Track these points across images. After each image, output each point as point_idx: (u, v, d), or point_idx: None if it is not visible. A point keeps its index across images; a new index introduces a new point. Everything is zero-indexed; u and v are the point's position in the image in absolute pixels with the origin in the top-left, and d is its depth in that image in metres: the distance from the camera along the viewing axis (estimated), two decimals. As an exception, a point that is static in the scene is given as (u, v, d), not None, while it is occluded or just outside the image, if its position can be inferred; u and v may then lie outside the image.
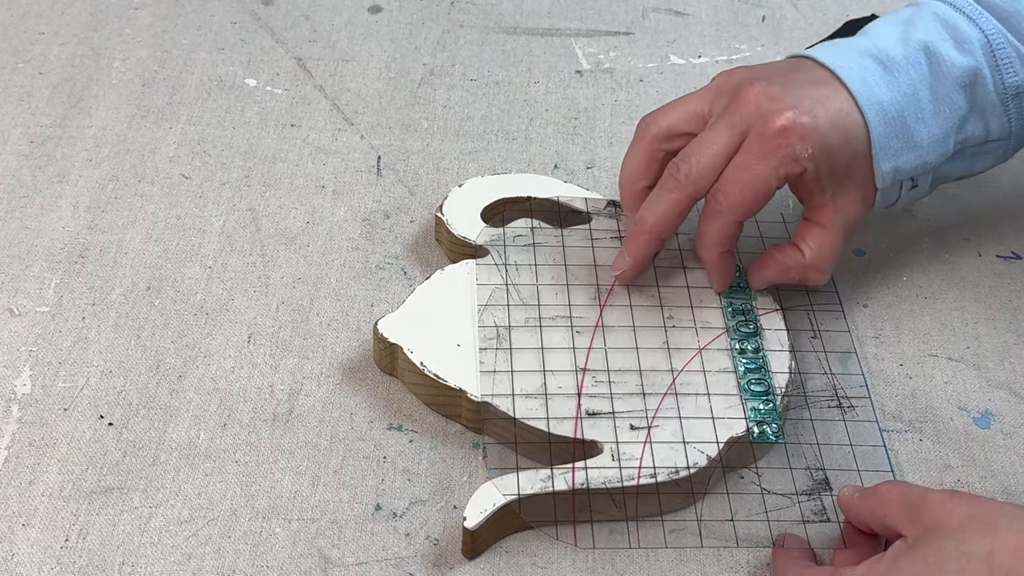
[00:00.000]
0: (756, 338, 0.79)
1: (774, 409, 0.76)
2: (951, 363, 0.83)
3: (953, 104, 0.80)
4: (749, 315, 0.81)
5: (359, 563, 0.72)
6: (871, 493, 0.69)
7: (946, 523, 0.64)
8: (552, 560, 0.73)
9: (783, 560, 0.70)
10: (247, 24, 1.05)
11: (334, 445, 0.77)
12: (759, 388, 0.77)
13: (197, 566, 0.71)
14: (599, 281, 0.83)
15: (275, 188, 0.92)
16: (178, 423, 0.78)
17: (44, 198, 0.91)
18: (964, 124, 0.81)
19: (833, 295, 0.84)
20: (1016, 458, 0.78)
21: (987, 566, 0.61)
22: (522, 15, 1.08)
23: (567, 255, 0.84)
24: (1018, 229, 0.91)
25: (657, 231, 0.78)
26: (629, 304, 0.81)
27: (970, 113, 0.81)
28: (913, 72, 0.79)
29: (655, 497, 0.73)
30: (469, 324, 0.80)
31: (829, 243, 0.80)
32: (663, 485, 0.72)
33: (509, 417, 0.75)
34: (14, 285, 0.85)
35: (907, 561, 0.64)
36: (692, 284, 0.83)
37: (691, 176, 0.76)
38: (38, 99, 0.98)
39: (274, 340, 0.83)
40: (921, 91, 0.79)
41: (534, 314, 0.80)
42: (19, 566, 0.71)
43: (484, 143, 0.96)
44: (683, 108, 0.80)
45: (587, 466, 0.73)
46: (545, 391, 0.76)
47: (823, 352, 0.81)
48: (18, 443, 0.77)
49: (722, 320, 0.80)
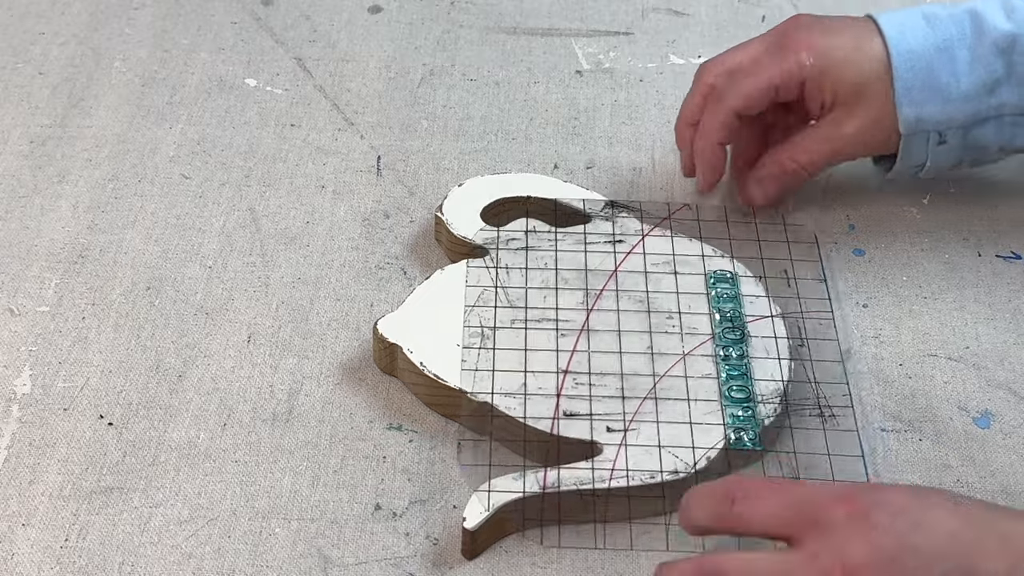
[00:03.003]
0: (741, 344, 0.79)
1: (753, 416, 0.76)
2: (951, 363, 0.83)
3: (988, 66, 0.83)
4: (736, 321, 0.81)
5: (359, 563, 0.72)
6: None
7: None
8: (552, 560, 0.73)
9: None
10: (247, 24, 1.05)
11: (334, 445, 0.77)
12: (740, 395, 0.77)
13: (197, 566, 0.71)
14: (588, 285, 0.83)
15: (275, 188, 0.92)
16: (178, 423, 0.78)
17: (44, 198, 0.91)
18: (998, 88, 0.83)
19: (825, 302, 0.84)
20: (1016, 458, 0.78)
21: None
22: (522, 15, 1.08)
23: (559, 258, 0.84)
24: (1018, 229, 0.91)
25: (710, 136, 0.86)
26: (617, 309, 0.81)
27: (1007, 78, 0.83)
28: (953, 29, 0.83)
29: (625, 500, 0.73)
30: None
31: (817, 138, 0.85)
32: (635, 489, 0.72)
33: (509, 416, 0.75)
34: (14, 285, 0.85)
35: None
36: (682, 290, 0.82)
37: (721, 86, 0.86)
38: (38, 99, 0.98)
39: (274, 340, 0.83)
40: (958, 48, 0.83)
41: (520, 315, 0.80)
42: (19, 566, 0.71)
43: (484, 143, 0.96)
44: (741, 51, 0.87)
45: (560, 467, 0.73)
46: (525, 391, 0.76)
47: (809, 360, 0.81)
48: (18, 443, 0.77)
49: (709, 326, 0.80)
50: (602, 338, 0.80)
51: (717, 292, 0.82)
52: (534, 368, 0.78)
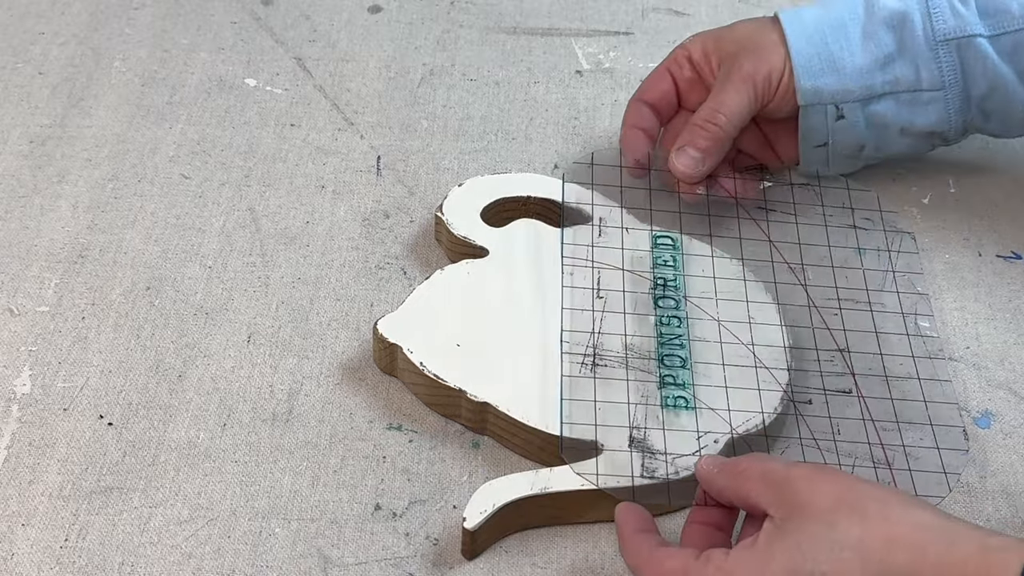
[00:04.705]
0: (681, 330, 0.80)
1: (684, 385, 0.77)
2: (951, 363, 0.83)
3: (879, 41, 0.86)
4: (678, 297, 0.81)
5: (359, 563, 0.72)
6: (732, 468, 0.68)
7: (814, 504, 0.63)
8: (552, 560, 0.73)
9: (629, 534, 0.68)
10: (247, 24, 1.05)
11: (334, 445, 0.77)
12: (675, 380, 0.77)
13: (197, 566, 0.71)
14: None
15: (275, 188, 0.92)
16: (178, 423, 0.78)
17: (44, 198, 0.91)
18: (892, 63, 0.86)
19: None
20: (1016, 458, 0.78)
21: (859, 555, 0.61)
22: (522, 15, 1.08)
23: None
24: (1018, 229, 0.91)
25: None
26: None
27: (898, 54, 0.86)
28: (846, 10, 0.87)
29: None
30: (469, 324, 0.80)
31: (716, 90, 0.87)
32: (638, 489, 0.72)
33: (510, 417, 0.75)
34: (14, 285, 0.85)
35: (780, 547, 0.63)
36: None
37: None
38: (38, 99, 0.98)
39: (274, 340, 0.83)
40: (850, 25, 0.87)
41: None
42: (19, 566, 0.71)
43: (484, 143, 0.96)
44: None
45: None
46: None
47: (816, 361, 0.81)
48: (18, 443, 0.77)
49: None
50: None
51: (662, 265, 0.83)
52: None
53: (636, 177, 0.88)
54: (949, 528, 0.62)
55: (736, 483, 0.67)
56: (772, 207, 0.88)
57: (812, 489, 0.63)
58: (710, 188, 0.87)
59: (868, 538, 0.61)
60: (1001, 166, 0.92)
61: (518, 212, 0.88)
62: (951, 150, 0.95)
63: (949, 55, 0.86)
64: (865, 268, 0.85)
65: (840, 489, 0.63)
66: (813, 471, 0.65)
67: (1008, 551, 0.60)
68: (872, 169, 0.92)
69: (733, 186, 0.87)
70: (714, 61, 0.88)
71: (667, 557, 0.66)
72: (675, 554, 0.66)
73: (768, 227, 0.87)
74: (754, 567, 0.63)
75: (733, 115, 0.85)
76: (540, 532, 0.74)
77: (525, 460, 0.76)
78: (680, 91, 0.89)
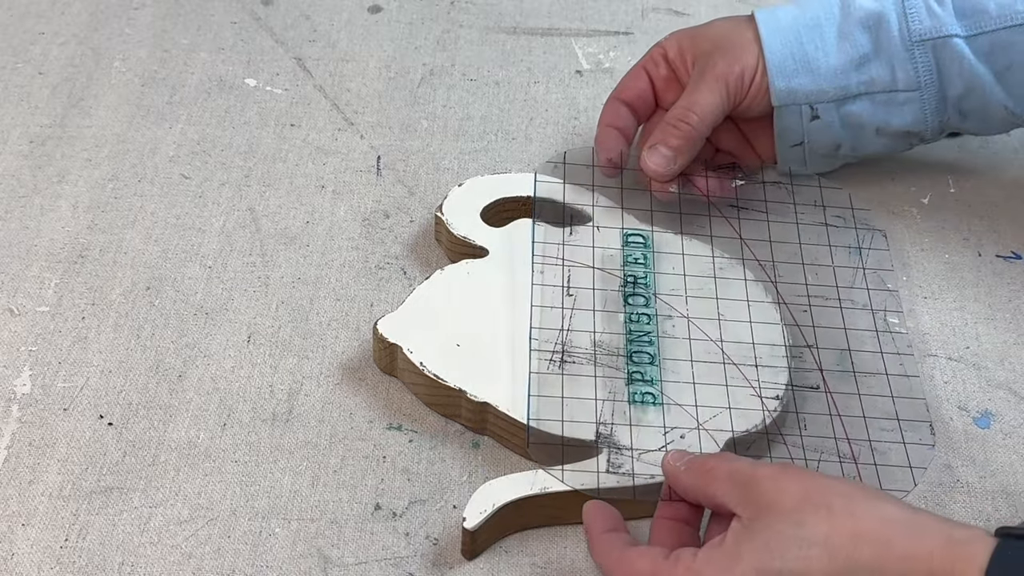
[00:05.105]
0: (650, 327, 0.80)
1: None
2: (951, 363, 0.83)
3: (855, 41, 0.86)
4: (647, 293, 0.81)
5: (359, 563, 0.72)
6: (698, 467, 0.68)
7: (780, 504, 0.63)
8: (552, 560, 0.73)
9: (597, 534, 0.68)
10: (247, 24, 1.05)
11: (334, 445, 0.77)
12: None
13: (197, 566, 0.71)
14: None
15: (275, 188, 0.92)
16: (178, 423, 0.78)
17: (44, 198, 0.91)
18: (867, 63, 0.86)
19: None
20: (1016, 458, 0.78)
21: (826, 551, 0.61)
22: (522, 15, 1.08)
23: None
24: (1018, 229, 0.91)
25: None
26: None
27: (874, 55, 0.86)
28: (821, 10, 0.87)
29: (626, 500, 0.73)
30: (469, 324, 0.80)
31: (690, 89, 0.86)
32: (639, 489, 0.72)
33: (512, 419, 0.75)
34: (14, 285, 0.85)
35: (749, 548, 0.63)
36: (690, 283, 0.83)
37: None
38: (38, 99, 0.98)
39: (274, 340, 0.83)
40: (826, 25, 0.87)
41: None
42: (19, 566, 0.71)
43: (484, 143, 0.96)
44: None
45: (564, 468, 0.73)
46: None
47: (817, 360, 0.81)
48: (18, 443, 0.77)
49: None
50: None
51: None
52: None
53: (609, 176, 0.88)
54: (915, 521, 0.62)
55: (702, 482, 0.67)
56: (744, 205, 0.88)
57: (778, 488, 0.64)
58: (683, 186, 0.87)
59: (834, 534, 0.62)
60: (1001, 166, 0.92)
61: (518, 212, 0.88)
62: (951, 150, 0.95)
63: (925, 55, 0.85)
64: (835, 265, 0.85)
65: (806, 487, 0.64)
66: (779, 470, 0.65)
67: (973, 543, 0.60)
68: (871, 169, 0.92)
69: (705, 184, 0.87)
70: (689, 59, 0.88)
71: (637, 557, 0.66)
72: (644, 553, 0.66)
73: (740, 225, 0.87)
74: (723, 566, 0.63)
75: (705, 114, 0.85)
76: (540, 532, 0.74)
77: (525, 460, 0.76)
78: (656, 89, 0.89)
